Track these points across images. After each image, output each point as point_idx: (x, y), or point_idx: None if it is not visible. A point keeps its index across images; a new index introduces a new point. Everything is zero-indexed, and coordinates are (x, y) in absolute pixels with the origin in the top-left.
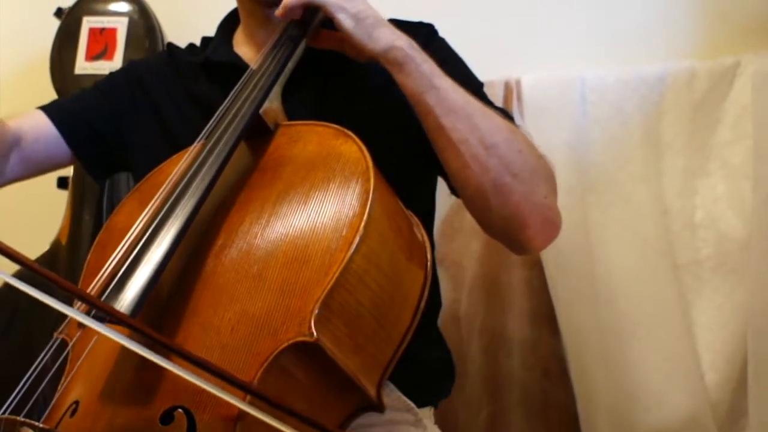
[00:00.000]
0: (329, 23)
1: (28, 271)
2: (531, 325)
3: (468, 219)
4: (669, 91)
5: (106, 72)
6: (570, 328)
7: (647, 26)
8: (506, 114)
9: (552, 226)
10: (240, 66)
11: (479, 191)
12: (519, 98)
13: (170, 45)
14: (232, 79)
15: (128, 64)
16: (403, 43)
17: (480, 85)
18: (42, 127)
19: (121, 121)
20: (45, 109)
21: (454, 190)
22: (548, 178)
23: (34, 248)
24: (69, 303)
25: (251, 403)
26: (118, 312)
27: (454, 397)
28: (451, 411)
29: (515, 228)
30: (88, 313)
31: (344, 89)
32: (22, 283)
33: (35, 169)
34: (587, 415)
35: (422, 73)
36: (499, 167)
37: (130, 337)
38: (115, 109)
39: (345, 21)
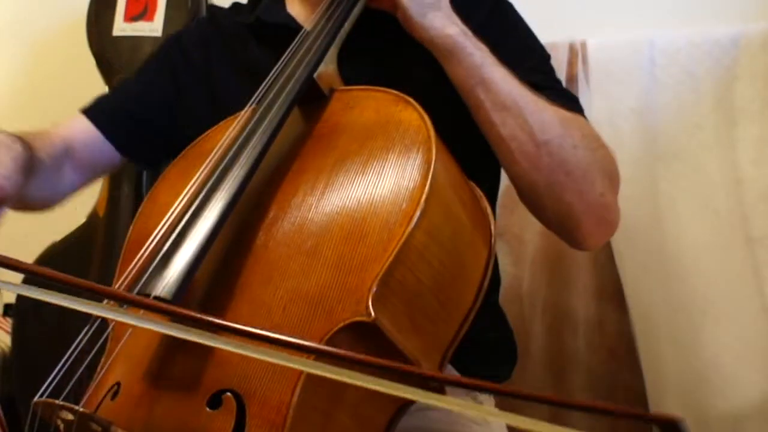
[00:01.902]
0: None
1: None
2: (597, 303)
3: None
4: (743, 55)
5: (146, 34)
6: (638, 306)
7: None
8: (569, 98)
9: (607, 225)
10: (293, 27)
11: (531, 188)
12: (584, 62)
13: (211, 8)
14: (284, 42)
15: (166, 41)
16: (454, 30)
17: (545, 58)
18: (88, 132)
19: (168, 105)
20: (87, 112)
21: None
22: (606, 173)
23: (69, 221)
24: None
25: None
26: (150, 302)
27: (516, 379)
28: None
29: (568, 227)
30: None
31: (404, 54)
32: (40, 291)
33: (92, 174)
34: (656, 398)
35: (472, 65)
36: (551, 165)
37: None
38: (161, 95)
39: None
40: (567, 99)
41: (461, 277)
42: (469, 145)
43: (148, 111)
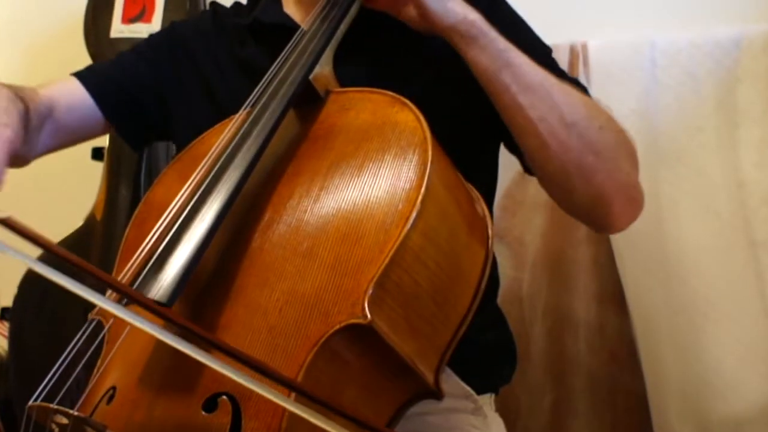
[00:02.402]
0: None
1: (53, 255)
2: (597, 306)
3: (531, 192)
4: (744, 56)
5: (144, 36)
6: (639, 309)
7: None
8: (579, 85)
9: (636, 204)
10: (290, 27)
11: (561, 172)
12: (585, 63)
13: (214, 4)
14: (281, 42)
15: (170, 26)
16: (475, 16)
17: (548, 51)
18: (76, 94)
19: (162, 86)
20: (78, 75)
21: (528, 170)
22: (630, 153)
23: (67, 223)
24: (101, 289)
25: (297, 401)
26: (151, 302)
27: (516, 382)
28: (512, 397)
29: (600, 209)
30: (120, 301)
31: (400, 55)
32: (49, 268)
33: (69, 139)
34: (657, 401)
35: (497, 49)
36: (580, 146)
37: (166, 327)
38: (156, 74)
39: None
40: (580, 87)
41: (458, 279)
42: (466, 146)
43: (141, 89)
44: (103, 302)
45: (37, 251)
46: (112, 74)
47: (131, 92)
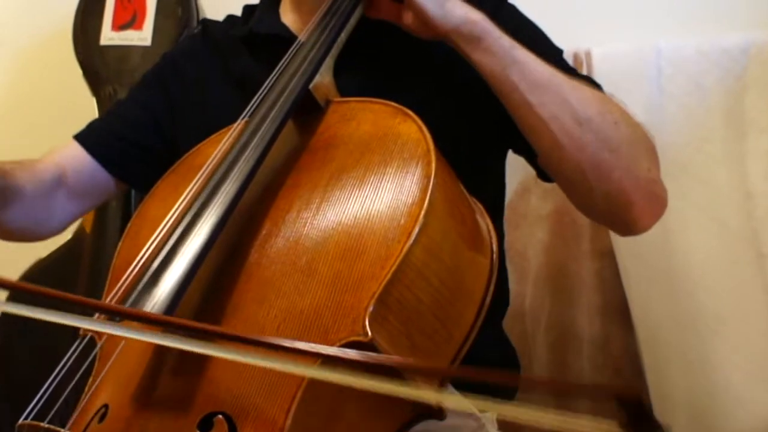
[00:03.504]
0: None
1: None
2: (602, 321)
3: (533, 205)
4: (753, 64)
5: (135, 43)
6: (644, 324)
7: None
8: (593, 82)
9: (658, 201)
10: (286, 37)
11: (577, 171)
12: (589, 71)
13: (204, 22)
14: (278, 53)
15: (161, 57)
16: (477, 16)
17: (559, 52)
18: (79, 158)
19: (159, 120)
20: (79, 137)
21: (543, 175)
22: (649, 148)
23: (55, 237)
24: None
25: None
26: (145, 313)
27: (519, 398)
28: None
29: (620, 207)
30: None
31: (403, 63)
32: (24, 307)
33: (89, 201)
34: (663, 418)
35: (502, 47)
36: (595, 143)
37: (164, 333)
38: (151, 111)
39: None
40: (594, 84)
41: (462, 296)
42: (471, 158)
43: (141, 132)
44: (94, 325)
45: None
46: (111, 128)
47: (133, 141)
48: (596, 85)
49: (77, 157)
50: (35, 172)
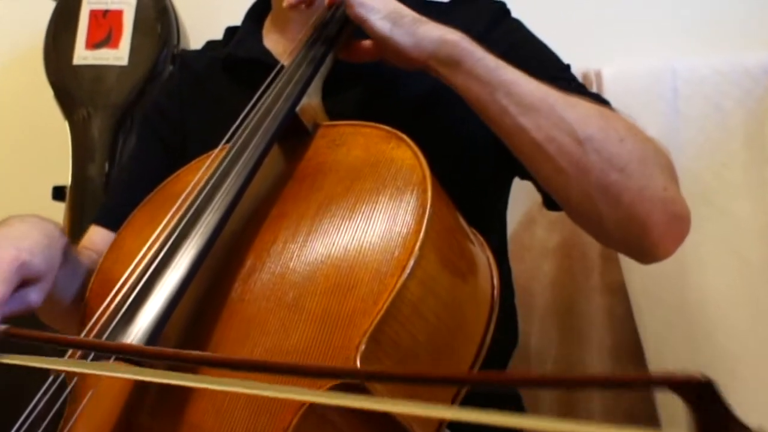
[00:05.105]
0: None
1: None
2: (613, 361)
3: (539, 236)
4: None
5: (111, 63)
6: (659, 365)
7: (749, 8)
8: (598, 98)
9: (680, 221)
10: (268, 63)
11: (583, 197)
12: (600, 93)
13: (181, 53)
14: (259, 78)
15: (150, 104)
16: (455, 36)
17: (564, 67)
18: (107, 237)
19: (157, 167)
20: (98, 221)
21: (550, 202)
22: (663, 164)
23: None
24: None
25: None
26: (119, 345)
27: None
28: None
29: (635, 233)
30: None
31: (396, 84)
32: None
33: None
34: None
35: (486, 68)
36: (600, 163)
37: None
38: (156, 166)
39: (378, 23)
40: (599, 100)
41: (460, 333)
42: (471, 185)
43: (151, 188)
44: (66, 366)
45: None
46: (120, 199)
47: None
48: (603, 102)
49: (107, 238)
50: (87, 254)
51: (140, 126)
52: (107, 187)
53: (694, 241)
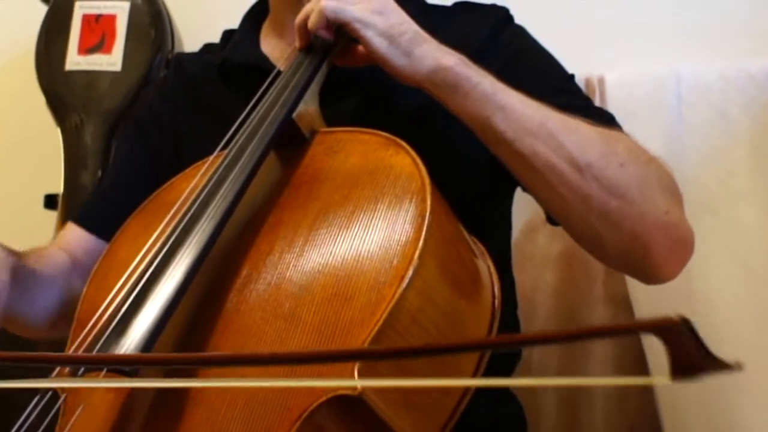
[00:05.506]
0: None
1: None
2: (616, 373)
3: (540, 245)
4: None
5: (104, 68)
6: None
7: (753, 13)
8: (604, 116)
9: (682, 245)
10: (264, 68)
11: (583, 223)
12: (602, 99)
13: (177, 56)
14: (255, 84)
15: (140, 104)
16: (451, 60)
17: (568, 77)
18: (83, 238)
19: (144, 170)
20: (77, 220)
21: (552, 218)
22: (666, 187)
23: None
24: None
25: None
26: (110, 357)
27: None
28: None
29: (637, 258)
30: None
31: (395, 90)
32: None
33: None
34: None
35: (483, 93)
36: (599, 191)
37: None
38: (136, 164)
39: (374, 41)
40: (602, 117)
41: None
42: (471, 193)
43: (134, 193)
44: (57, 382)
45: None
46: (103, 202)
47: (131, 206)
48: (610, 120)
49: (81, 238)
50: (49, 255)
51: (131, 128)
52: None
53: (699, 251)
